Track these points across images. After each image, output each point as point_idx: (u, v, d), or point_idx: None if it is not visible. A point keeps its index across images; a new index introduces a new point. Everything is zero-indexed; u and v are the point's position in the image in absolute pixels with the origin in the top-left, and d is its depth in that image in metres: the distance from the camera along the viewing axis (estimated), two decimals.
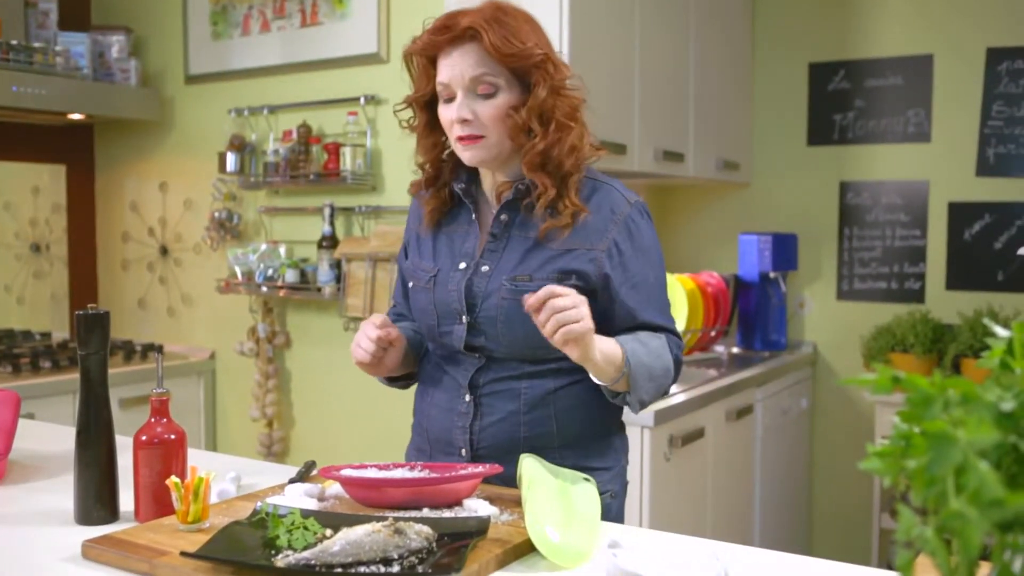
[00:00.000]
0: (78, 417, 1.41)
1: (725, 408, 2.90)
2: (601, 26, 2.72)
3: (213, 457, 1.83)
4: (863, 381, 0.70)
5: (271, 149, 3.12)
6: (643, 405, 1.53)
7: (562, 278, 1.51)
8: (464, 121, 1.50)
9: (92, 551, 1.24)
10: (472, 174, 1.64)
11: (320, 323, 3.18)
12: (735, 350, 3.61)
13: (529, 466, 1.41)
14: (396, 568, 1.12)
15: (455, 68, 1.50)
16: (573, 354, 1.41)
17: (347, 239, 3.01)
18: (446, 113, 1.53)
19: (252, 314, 3.27)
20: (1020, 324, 0.82)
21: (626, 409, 1.64)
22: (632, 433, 2.45)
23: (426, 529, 1.20)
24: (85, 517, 1.39)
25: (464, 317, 1.55)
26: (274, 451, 3.25)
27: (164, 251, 3.60)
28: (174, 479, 1.29)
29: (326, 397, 3.18)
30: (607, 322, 1.55)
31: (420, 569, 1.12)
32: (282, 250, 3.16)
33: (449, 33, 1.50)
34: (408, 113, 1.63)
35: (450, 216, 1.64)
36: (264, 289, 3.11)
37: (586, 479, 1.44)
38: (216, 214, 3.30)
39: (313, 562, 1.12)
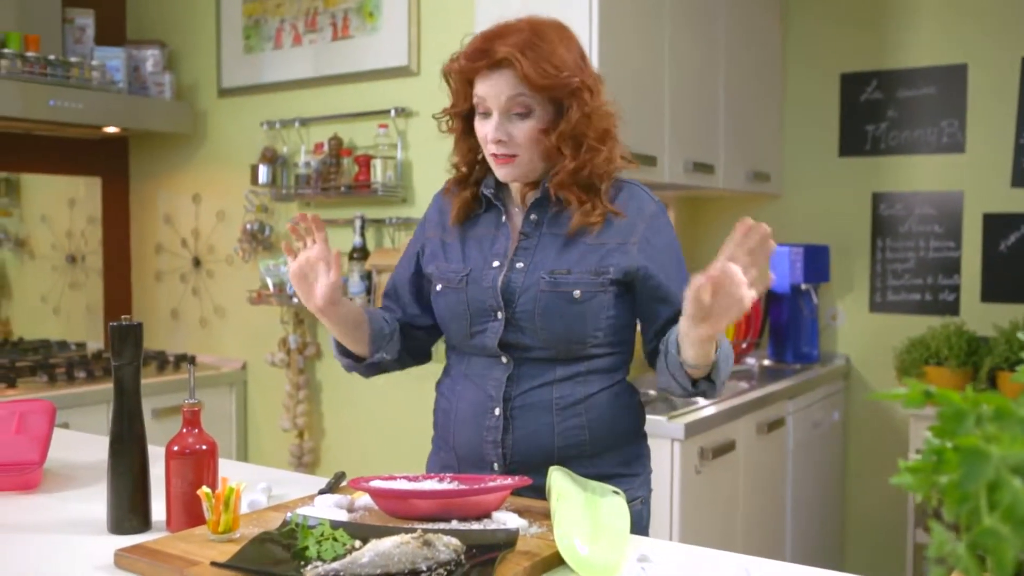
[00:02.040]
0: (111, 427, 1.42)
1: (756, 421, 2.88)
2: (630, 38, 2.72)
3: (244, 467, 1.84)
4: (894, 396, 0.69)
5: (303, 161, 3.14)
6: (718, 390, 1.55)
7: (600, 271, 1.57)
8: (499, 141, 1.55)
9: (124, 560, 1.25)
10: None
11: None
12: (767, 362, 3.59)
13: (558, 479, 1.41)
14: None
15: (491, 89, 1.55)
16: (707, 316, 1.35)
17: (378, 251, 3.02)
18: (481, 129, 1.58)
19: (283, 325, 3.29)
20: None
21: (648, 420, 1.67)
22: (662, 446, 2.45)
23: (455, 541, 1.20)
24: (117, 526, 1.41)
25: (500, 313, 1.57)
26: (305, 461, 3.27)
27: (197, 263, 3.63)
28: (205, 489, 1.30)
29: (357, 408, 3.20)
30: (650, 315, 1.61)
31: None
32: None
33: (485, 59, 1.54)
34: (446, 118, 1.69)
35: (475, 220, 1.68)
36: (295, 300, 3.13)
37: (615, 492, 1.43)
38: (248, 226, 3.34)
39: (342, 573, 1.13)
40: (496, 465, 1.59)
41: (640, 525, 1.64)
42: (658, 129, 2.87)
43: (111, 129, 3.41)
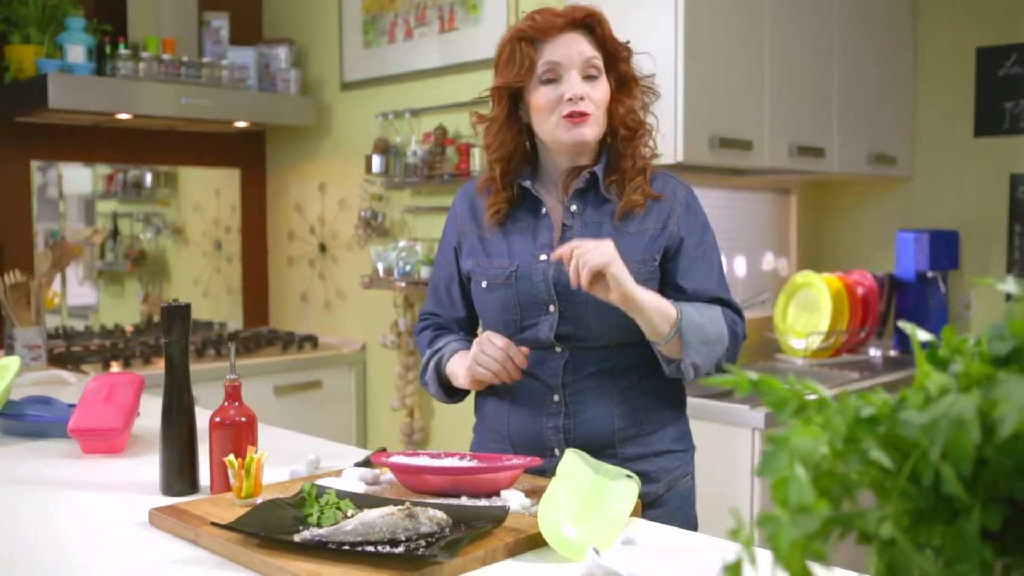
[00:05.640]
0: (163, 399, 1.56)
1: None
2: (722, 10, 2.65)
3: (300, 439, 1.96)
4: (722, 381, 0.69)
5: (411, 151, 3.26)
6: (697, 372, 1.55)
7: (647, 259, 1.59)
8: (580, 98, 1.57)
9: (155, 518, 1.38)
10: (534, 170, 1.70)
11: None
12: (892, 353, 3.43)
13: (566, 460, 1.44)
14: (401, 549, 1.19)
15: (570, 48, 1.59)
16: (608, 293, 1.46)
17: None
18: (551, 92, 1.58)
19: (395, 308, 3.43)
20: (949, 328, 0.79)
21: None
22: (742, 435, 2.41)
23: (439, 515, 1.25)
24: (168, 488, 1.55)
25: (553, 307, 1.60)
26: (415, 439, 3.40)
27: (323, 248, 3.84)
28: (229, 457, 1.41)
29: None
30: (670, 280, 1.63)
31: (421, 552, 1.18)
32: (419, 247, 3.29)
33: (566, 18, 1.59)
34: (485, 108, 1.70)
35: (511, 215, 1.68)
36: (402, 284, 3.26)
37: (628, 475, 1.44)
38: (363, 213, 3.49)
39: (326, 539, 1.20)
40: (557, 450, 1.61)
41: (690, 501, 1.69)
42: (755, 111, 2.79)
43: (241, 124, 3.64)
